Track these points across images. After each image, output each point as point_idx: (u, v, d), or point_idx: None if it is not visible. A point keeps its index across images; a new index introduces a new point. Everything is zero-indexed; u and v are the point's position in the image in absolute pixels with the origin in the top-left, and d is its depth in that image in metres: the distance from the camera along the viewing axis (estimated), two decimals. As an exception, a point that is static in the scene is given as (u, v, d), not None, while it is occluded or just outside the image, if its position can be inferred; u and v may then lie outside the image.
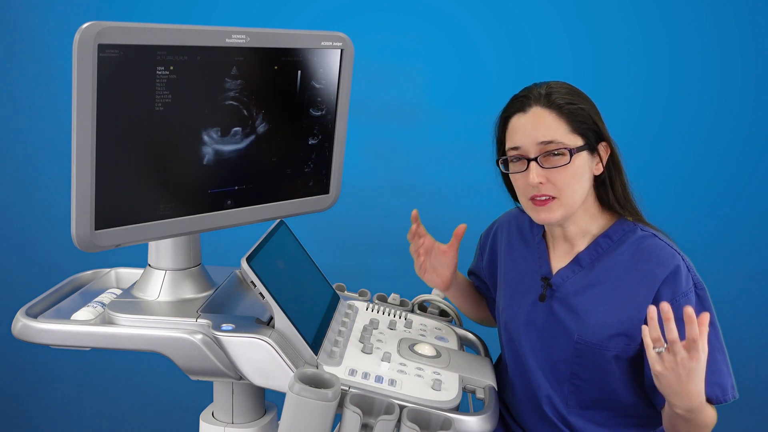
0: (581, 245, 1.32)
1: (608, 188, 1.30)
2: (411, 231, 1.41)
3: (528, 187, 1.25)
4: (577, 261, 1.31)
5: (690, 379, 1.06)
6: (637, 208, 1.32)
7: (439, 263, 1.44)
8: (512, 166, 1.28)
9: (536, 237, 1.40)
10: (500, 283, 1.46)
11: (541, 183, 1.22)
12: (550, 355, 1.31)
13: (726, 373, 1.21)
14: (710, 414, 1.18)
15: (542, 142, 1.22)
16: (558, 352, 1.30)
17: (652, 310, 1.06)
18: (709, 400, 1.19)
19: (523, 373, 1.35)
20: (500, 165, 1.31)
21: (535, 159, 1.22)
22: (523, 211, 1.45)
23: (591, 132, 1.25)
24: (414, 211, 1.40)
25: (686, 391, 1.08)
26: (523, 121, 1.25)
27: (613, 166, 1.30)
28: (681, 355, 1.04)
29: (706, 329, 1.03)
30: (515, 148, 1.25)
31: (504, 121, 1.30)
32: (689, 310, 1.02)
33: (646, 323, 1.21)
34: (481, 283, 1.58)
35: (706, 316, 1.03)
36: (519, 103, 1.27)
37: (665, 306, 1.03)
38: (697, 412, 1.13)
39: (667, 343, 1.04)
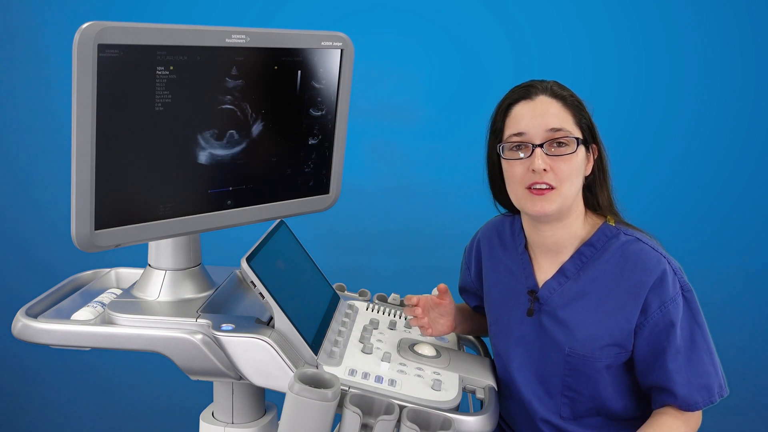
0: (565, 255, 1.29)
1: (596, 190, 1.30)
2: (411, 312, 1.37)
3: (527, 175, 1.21)
4: (562, 272, 1.29)
5: None
6: (618, 212, 1.31)
7: (438, 314, 1.40)
8: (511, 153, 1.24)
9: (519, 247, 1.37)
10: (486, 296, 1.43)
11: (544, 170, 1.20)
12: (541, 369, 1.30)
13: (712, 374, 1.21)
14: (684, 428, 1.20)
15: (551, 129, 1.20)
16: (549, 366, 1.28)
17: None
18: (695, 404, 1.19)
19: (514, 386, 1.33)
20: (501, 152, 1.26)
21: (541, 146, 1.20)
22: (504, 217, 1.44)
23: (588, 129, 1.25)
24: (408, 298, 1.38)
25: None
26: (530, 108, 1.23)
27: (600, 168, 1.29)
28: None
29: None
30: (519, 134, 1.22)
31: (506, 108, 1.26)
32: None
33: (635, 333, 1.22)
34: (475, 297, 1.54)
35: None
36: (524, 91, 1.25)
37: None
38: None
39: None
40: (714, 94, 2.17)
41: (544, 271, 1.32)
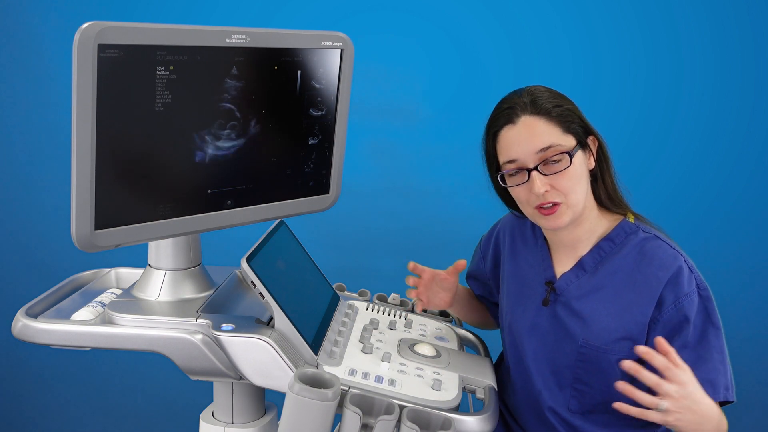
0: (584, 249, 1.31)
1: (599, 181, 1.30)
2: (412, 280, 1.39)
3: (532, 197, 1.23)
4: (580, 265, 1.30)
5: (697, 401, 1.07)
6: (624, 200, 1.32)
7: (441, 288, 1.41)
8: (512, 180, 1.25)
9: (539, 240, 1.39)
10: (503, 286, 1.44)
11: (546, 191, 1.21)
12: (554, 360, 1.30)
13: (721, 372, 1.20)
14: (722, 420, 1.18)
15: (541, 150, 1.20)
16: (562, 357, 1.29)
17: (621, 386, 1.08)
18: None
19: (525, 376, 1.35)
20: (498, 180, 1.28)
21: (536, 168, 1.21)
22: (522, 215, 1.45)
23: (580, 129, 1.25)
24: (411, 263, 1.39)
25: (704, 414, 1.09)
26: (515, 133, 1.23)
27: (602, 157, 1.30)
28: (673, 390, 1.05)
29: (669, 350, 1.07)
30: (512, 161, 1.23)
31: (493, 136, 1.27)
32: (658, 343, 1.07)
33: (649, 327, 1.22)
34: (483, 286, 1.56)
35: (660, 342, 1.08)
36: (505, 116, 1.24)
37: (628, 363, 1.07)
38: (719, 427, 1.14)
39: (658, 395, 1.06)
40: (714, 94, 2.17)
41: (562, 263, 1.33)
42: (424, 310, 1.56)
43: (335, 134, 1.40)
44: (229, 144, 1.22)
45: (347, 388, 1.11)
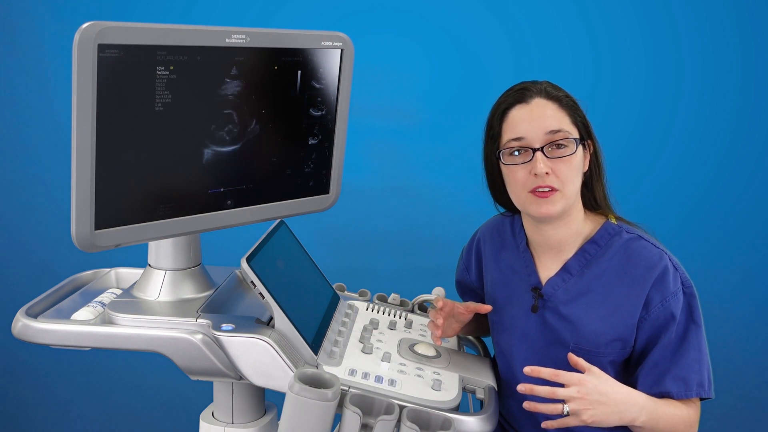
0: (568, 253, 1.30)
1: (592, 186, 1.30)
2: (437, 314, 1.35)
3: (530, 179, 1.22)
4: (566, 269, 1.30)
5: (605, 393, 1.11)
6: (611, 207, 1.32)
7: (455, 320, 1.38)
8: (512, 158, 1.24)
9: (520, 245, 1.37)
10: (489, 294, 1.43)
11: (546, 173, 1.20)
12: (545, 366, 1.29)
13: (695, 370, 1.21)
14: (678, 414, 1.19)
15: (551, 132, 1.21)
16: (553, 362, 1.28)
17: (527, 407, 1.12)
18: (669, 394, 1.20)
19: (516, 383, 1.33)
20: (499, 157, 1.26)
21: (541, 149, 1.21)
22: (504, 216, 1.44)
23: (583, 126, 1.26)
24: (440, 301, 1.35)
25: (620, 402, 1.12)
26: (526, 112, 1.23)
27: (596, 164, 1.30)
28: (574, 391, 1.09)
29: (576, 360, 1.14)
30: (518, 139, 1.23)
31: (502, 112, 1.27)
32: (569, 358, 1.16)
33: (638, 327, 1.23)
34: (474, 294, 1.53)
35: (569, 357, 1.15)
36: (518, 95, 1.25)
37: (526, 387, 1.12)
38: (656, 415, 1.16)
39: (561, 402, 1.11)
40: (714, 94, 2.17)
41: (547, 268, 1.32)
42: (423, 308, 1.56)
43: (335, 134, 1.40)
44: (229, 144, 1.22)
45: (347, 388, 1.11)
